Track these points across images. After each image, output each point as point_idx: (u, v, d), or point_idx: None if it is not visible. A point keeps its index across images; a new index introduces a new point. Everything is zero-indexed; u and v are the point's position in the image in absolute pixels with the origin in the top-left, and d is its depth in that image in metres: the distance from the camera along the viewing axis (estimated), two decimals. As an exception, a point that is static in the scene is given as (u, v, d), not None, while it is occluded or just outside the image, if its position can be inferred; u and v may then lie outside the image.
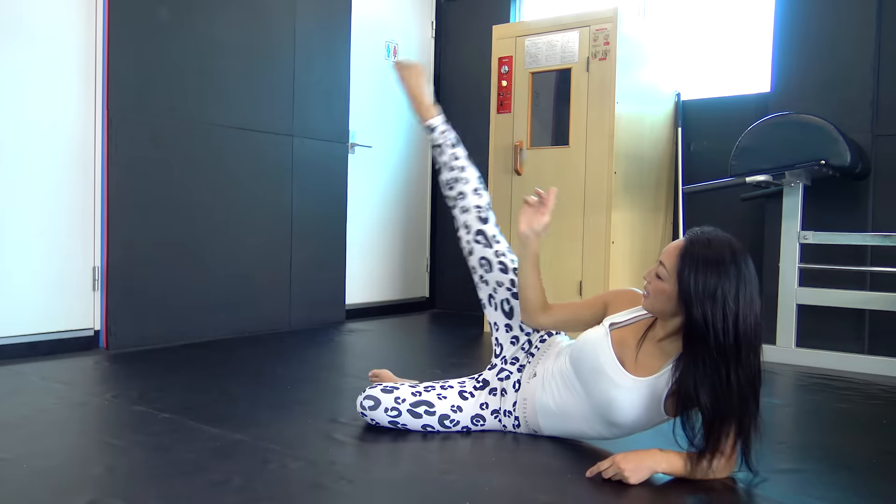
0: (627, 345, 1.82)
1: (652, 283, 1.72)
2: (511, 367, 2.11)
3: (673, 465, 1.70)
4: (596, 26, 3.85)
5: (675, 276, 1.66)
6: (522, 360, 2.10)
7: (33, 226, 3.11)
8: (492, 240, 2.19)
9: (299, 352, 3.47)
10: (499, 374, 2.12)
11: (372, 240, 4.79)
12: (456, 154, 2.28)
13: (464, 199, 2.23)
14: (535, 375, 2.03)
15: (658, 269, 1.71)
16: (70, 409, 2.35)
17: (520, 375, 2.08)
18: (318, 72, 4.19)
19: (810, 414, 2.66)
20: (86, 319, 3.29)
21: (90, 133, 3.27)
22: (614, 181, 3.81)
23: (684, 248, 1.67)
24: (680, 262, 1.66)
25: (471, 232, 2.19)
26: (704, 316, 1.61)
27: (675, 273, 1.66)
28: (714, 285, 1.61)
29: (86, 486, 1.65)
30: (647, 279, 1.75)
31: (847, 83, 3.55)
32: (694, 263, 1.63)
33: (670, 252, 1.70)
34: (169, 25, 3.46)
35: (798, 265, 3.50)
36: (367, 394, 2.09)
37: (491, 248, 2.17)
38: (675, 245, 1.70)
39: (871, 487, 1.81)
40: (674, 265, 1.67)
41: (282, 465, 1.78)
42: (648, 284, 1.74)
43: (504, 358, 2.14)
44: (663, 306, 1.71)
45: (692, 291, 1.62)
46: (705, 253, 1.63)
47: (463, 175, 2.26)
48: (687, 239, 1.69)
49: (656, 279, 1.71)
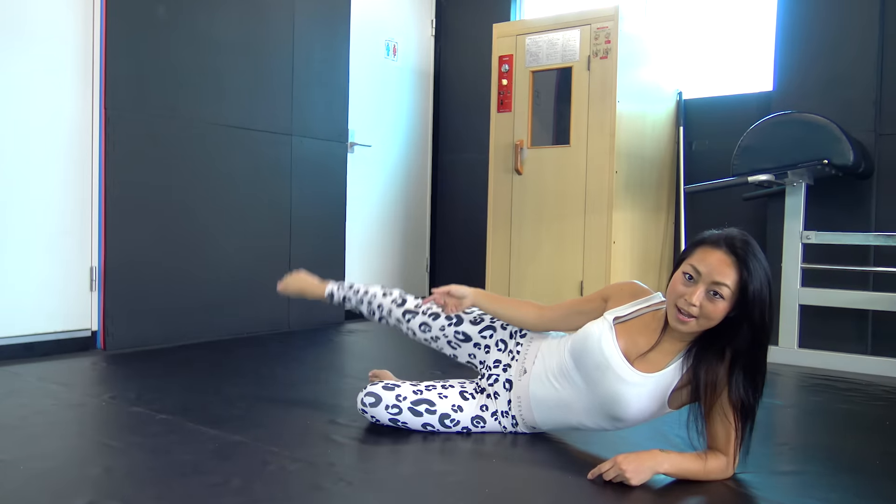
0: (633, 339, 1.80)
1: (704, 307, 1.64)
2: (496, 369, 2.08)
3: (675, 466, 1.69)
4: (597, 25, 3.84)
5: (736, 290, 1.62)
6: (505, 360, 2.08)
7: (30, 225, 3.10)
8: (417, 308, 2.25)
9: (298, 352, 3.46)
10: (488, 380, 2.10)
11: (371, 239, 4.78)
12: (356, 289, 2.42)
13: (382, 308, 2.33)
14: (526, 372, 2.01)
15: (717, 288, 1.62)
16: (67, 411, 2.33)
17: (507, 375, 2.06)
18: (317, 70, 4.18)
19: (813, 415, 2.64)
20: (83, 320, 3.27)
21: (88, 132, 3.25)
22: (615, 180, 3.79)
23: (736, 259, 1.62)
24: (742, 273, 1.62)
25: (402, 321, 2.27)
26: (762, 315, 1.63)
27: (738, 287, 1.62)
28: (765, 280, 1.63)
29: (83, 487, 1.64)
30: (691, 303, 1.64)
31: (850, 82, 3.53)
32: (749, 270, 1.62)
33: (721, 269, 1.62)
34: (167, 24, 3.45)
35: (801, 265, 3.48)
36: (368, 391, 2.08)
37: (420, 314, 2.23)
38: (720, 260, 1.63)
39: (875, 489, 1.80)
40: (736, 280, 1.62)
41: (281, 466, 1.77)
42: (694, 307, 1.64)
43: (487, 365, 2.11)
44: (717, 322, 1.67)
45: (753, 297, 1.62)
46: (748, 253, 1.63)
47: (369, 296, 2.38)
48: (727, 248, 1.64)
49: (715, 299, 1.63)
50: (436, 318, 2.19)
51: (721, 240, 1.65)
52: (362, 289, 2.40)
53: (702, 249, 1.67)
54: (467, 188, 5.01)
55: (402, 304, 2.28)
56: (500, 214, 4.19)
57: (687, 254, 1.70)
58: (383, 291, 2.36)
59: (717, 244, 1.65)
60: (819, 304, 3.47)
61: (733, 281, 1.62)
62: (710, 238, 1.68)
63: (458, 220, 5.12)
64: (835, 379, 3.13)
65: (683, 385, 1.76)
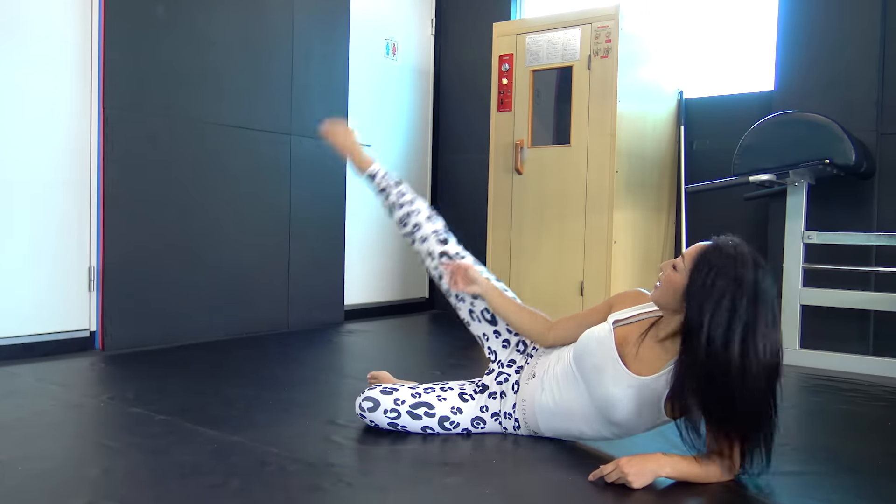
0: (630, 342, 1.81)
1: (665, 272, 1.73)
2: (508, 369, 2.09)
3: (677, 469, 1.69)
4: (598, 24, 3.83)
5: (688, 271, 1.67)
6: (520, 361, 2.09)
7: (28, 225, 3.09)
8: (456, 257, 2.20)
9: (297, 353, 3.45)
10: (497, 378, 2.10)
11: (371, 239, 4.76)
12: (402, 191, 2.31)
13: (419, 229, 2.25)
14: (535, 376, 2.01)
15: (677, 260, 1.72)
16: (66, 411, 2.33)
17: (518, 377, 2.06)
18: (316, 69, 4.17)
19: (814, 416, 2.64)
20: (81, 320, 3.26)
21: (86, 132, 3.24)
22: (616, 180, 3.78)
23: (708, 248, 1.68)
24: (699, 259, 1.66)
25: (435, 258, 2.21)
26: (701, 316, 1.60)
27: (690, 268, 1.67)
28: (723, 291, 1.59)
29: (82, 488, 1.64)
30: (662, 269, 1.75)
31: (852, 81, 3.52)
32: (711, 265, 1.63)
33: (694, 248, 1.71)
34: (166, 23, 3.44)
35: (802, 265, 3.47)
36: (366, 395, 2.07)
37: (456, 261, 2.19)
38: (701, 244, 1.71)
39: (876, 490, 1.79)
40: (692, 260, 1.68)
41: (280, 467, 1.76)
42: (662, 273, 1.74)
43: (500, 362, 2.12)
44: (669, 299, 1.72)
45: (697, 290, 1.63)
46: (725, 261, 1.62)
47: (413, 207, 2.28)
48: (714, 242, 1.69)
49: (671, 269, 1.72)
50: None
51: (723, 239, 1.70)
52: (408, 197, 2.29)
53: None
54: (467, 188, 4.99)
55: (444, 242, 2.22)
56: (500, 214, 4.18)
57: None
58: (428, 215, 2.27)
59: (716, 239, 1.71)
60: (820, 304, 3.46)
61: (691, 259, 1.68)
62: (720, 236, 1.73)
63: (458, 220, 5.07)
64: (836, 379, 3.12)
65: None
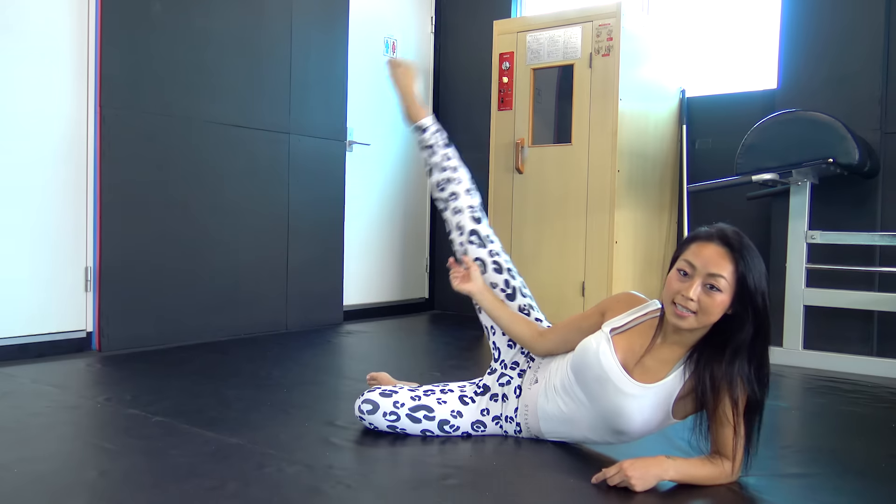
0: (631, 350, 1.77)
1: (702, 301, 1.61)
2: (511, 371, 2.06)
3: (680, 471, 1.67)
4: (599, 22, 3.81)
5: (733, 281, 1.60)
6: (523, 364, 2.06)
7: (24, 225, 3.06)
8: (485, 240, 2.15)
9: (296, 354, 3.43)
10: (499, 380, 2.07)
11: (370, 239, 4.75)
12: (448, 154, 2.24)
13: (456, 199, 2.19)
14: (537, 381, 1.98)
15: (714, 281, 1.60)
16: (62, 413, 2.31)
17: (521, 381, 2.03)
18: (315, 68, 4.15)
19: (817, 417, 2.62)
20: (78, 321, 3.24)
21: (83, 130, 3.22)
22: (617, 179, 3.77)
23: (731, 251, 1.61)
24: (739, 264, 1.60)
25: (464, 233, 2.16)
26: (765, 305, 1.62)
27: (735, 278, 1.60)
28: (763, 271, 1.63)
29: (79, 490, 1.63)
30: (689, 297, 1.61)
31: (855, 80, 3.50)
32: (745, 261, 1.60)
33: (716, 260, 1.61)
34: (163, 21, 3.42)
35: (805, 265, 3.45)
36: (365, 398, 2.05)
37: (485, 248, 2.14)
38: (715, 252, 1.62)
39: (880, 491, 1.78)
40: (732, 271, 1.60)
41: (278, 469, 1.75)
42: (692, 302, 1.61)
43: (504, 362, 2.09)
44: (717, 318, 1.64)
45: (754, 287, 1.60)
46: (743, 245, 1.62)
47: (455, 175, 2.21)
48: (720, 241, 1.62)
49: (712, 292, 1.60)
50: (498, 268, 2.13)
51: (714, 233, 1.65)
52: (453, 163, 2.22)
53: (695, 244, 1.66)
54: (467, 187, 4.97)
55: (478, 221, 2.16)
56: (500, 214, 4.16)
57: (681, 251, 1.69)
58: (468, 187, 2.20)
59: (710, 238, 1.64)
60: (824, 304, 3.44)
61: (730, 272, 1.60)
62: (703, 233, 1.67)
63: (459, 220, 5.08)
64: (840, 381, 3.11)
65: (687, 393, 1.73)
